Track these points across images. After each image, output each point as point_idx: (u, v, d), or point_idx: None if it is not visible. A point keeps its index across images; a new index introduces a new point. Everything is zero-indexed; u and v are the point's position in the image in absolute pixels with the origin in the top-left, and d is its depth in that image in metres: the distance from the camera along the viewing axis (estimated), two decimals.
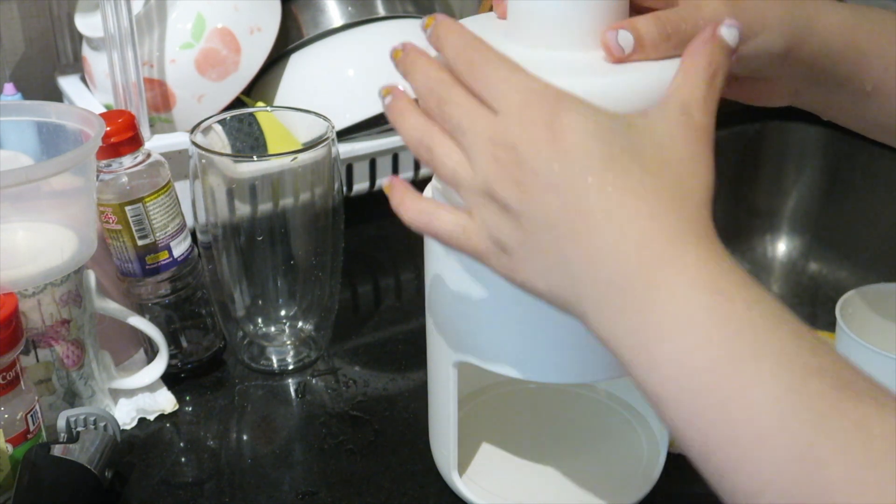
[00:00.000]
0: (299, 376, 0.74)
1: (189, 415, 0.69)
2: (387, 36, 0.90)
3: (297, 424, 0.69)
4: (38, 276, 0.60)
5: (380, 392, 0.72)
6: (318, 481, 0.63)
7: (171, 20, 0.82)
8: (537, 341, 0.51)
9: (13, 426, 0.58)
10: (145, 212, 0.67)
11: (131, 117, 0.67)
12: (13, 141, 0.65)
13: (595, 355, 0.52)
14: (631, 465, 0.63)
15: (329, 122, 0.69)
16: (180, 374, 0.72)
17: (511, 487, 0.61)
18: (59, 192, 0.61)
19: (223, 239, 0.70)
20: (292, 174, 0.68)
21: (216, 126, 0.72)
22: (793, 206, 1.20)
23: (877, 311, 0.75)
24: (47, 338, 0.62)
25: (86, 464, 0.57)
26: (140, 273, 0.69)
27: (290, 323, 0.74)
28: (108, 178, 0.66)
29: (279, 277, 0.72)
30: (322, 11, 0.90)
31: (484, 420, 0.67)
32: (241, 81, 0.85)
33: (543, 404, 0.69)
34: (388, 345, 0.78)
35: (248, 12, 0.85)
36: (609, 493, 0.60)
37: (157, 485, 0.62)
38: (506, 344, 0.52)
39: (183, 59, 0.82)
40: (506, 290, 0.50)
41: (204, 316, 0.74)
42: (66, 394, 0.64)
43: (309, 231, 0.71)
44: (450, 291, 0.53)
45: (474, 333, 0.53)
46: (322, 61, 0.89)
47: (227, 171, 0.68)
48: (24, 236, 0.62)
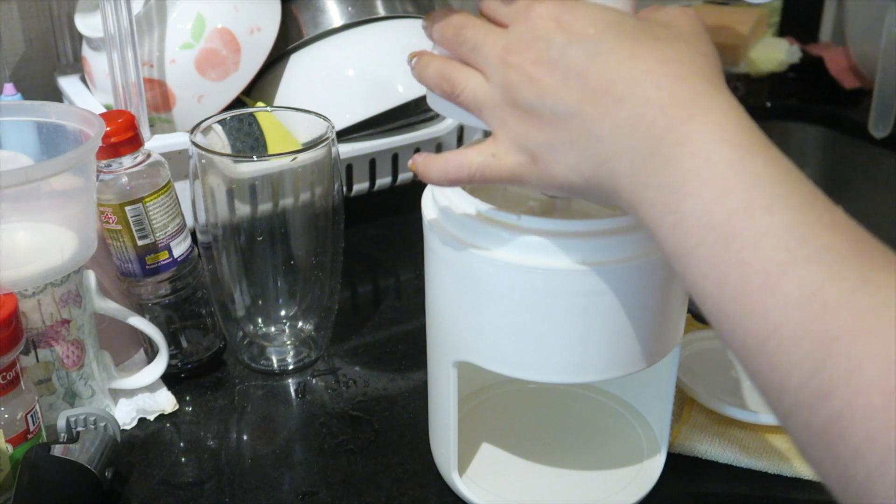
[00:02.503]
0: (299, 376, 0.74)
1: (189, 415, 0.69)
2: (387, 36, 0.90)
3: (297, 424, 0.69)
4: (38, 276, 0.60)
5: (380, 392, 0.72)
6: (318, 481, 0.63)
7: (171, 20, 0.82)
8: (537, 341, 0.51)
9: (13, 426, 0.58)
10: (145, 212, 0.67)
11: (131, 117, 0.67)
12: (13, 141, 0.65)
13: (595, 355, 0.52)
14: (631, 465, 0.63)
15: (329, 122, 0.69)
16: (180, 374, 0.72)
17: (511, 487, 0.61)
18: (59, 192, 0.61)
19: (223, 239, 0.70)
20: (292, 174, 0.68)
21: (216, 126, 0.72)
22: None
23: None
24: (47, 338, 0.62)
25: (86, 464, 0.57)
26: (140, 273, 0.69)
27: (290, 323, 0.74)
28: (108, 178, 0.66)
29: (279, 277, 0.72)
30: (322, 11, 0.90)
31: (484, 420, 0.67)
32: (241, 81, 0.85)
33: (543, 404, 0.69)
34: (388, 345, 0.78)
35: (248, 12, 0.84)
36: (609, 493, 0.60)
37: (157, 485, 0.62)
38: (505, 344, 0.52)
39: (183, 59, 0.82)
40: (505, 290, 0.51)
41: (204, 316, 0.74)
42: (66, 394, 0.64)
43: (309, 231, 0.71)
44: (450, 292, 0.53)
45: (474, 333, 0.53)
46: (322, 61, 0.89)
47: (227, 171, 0.68)
48: (24, 236, 0.62)
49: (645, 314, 0.51)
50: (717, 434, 0.64)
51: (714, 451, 0.63)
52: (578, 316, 0.50)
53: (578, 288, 0.50)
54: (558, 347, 0.51)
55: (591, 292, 0.50)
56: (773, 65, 1.26)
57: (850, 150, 1.17)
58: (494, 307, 0.51)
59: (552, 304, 0.50)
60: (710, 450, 0.63)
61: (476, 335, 0.53)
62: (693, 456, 0.64)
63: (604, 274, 0.49)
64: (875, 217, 1.10)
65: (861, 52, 1.21)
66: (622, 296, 0.50)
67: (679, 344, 0.56)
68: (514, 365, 0.53)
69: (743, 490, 0.62)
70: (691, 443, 0.64)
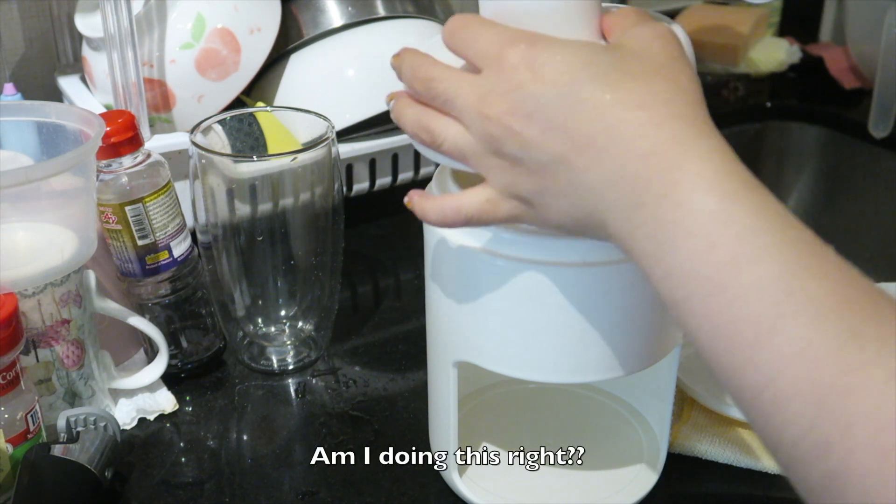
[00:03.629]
0: (299, 376, 0.74)
1: (189, 415, 0.69)
2: (387, 36, 0.90)
3: (297, 424, 0.69)
4: (38, 276, 0.60)
5: (380, 392, 0.72)
6: (318, 481, 0.63)
7: (171, 20, 0.82)
8: (537, 341, 0.51)
9: (13, 426, 0.58)
10: (145, 212, 0.67)
11: (131, 117, 0.67)
12: (13, 141, 0.65)
13: (595, 355, 0.52)
14: (631, 465, 0.63)
15: (329, 122, 0.69)
16: (180, 374, 0.72)
17: (511, 487, 0.61)
18: (59, 192, 0.61)
19: (223, 239, 0.70)
20: (292, 174, 0.68)
21: (216, 126, 0.72)
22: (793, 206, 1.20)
23: None
24: (47, 338, 0.62)
25: (86, 464, 0.57)
26: (140, 273, 0.69)
27: (290, 323, 0.74)
28: (108, 178, 0.66)
29: (279, 277, 0.72)
30: (322, 11, 0.90)
31: (484, 420, 0.67)
32: (241, 81, 0.85)
33: (543, 404, 0.69)
34: (388, 345, 0.78)
35: (248, 12, 0.84)
36: (609, 493, 0.60)
37: (157, 485, 0.62)
38: (505, 344, 0.52)
39: (183, 59, 0.82)
40: (505, 290, 0.51)
41: (204, 316, 0.74)
42: (66, 394, 0.64)
43: (309, 231, 0.71)
44: (449, 292, 0.53)
45: (474, 333, 0.53)
46: (322, 61, 0.89)
47: (227, 171, 0.68)
48: (24, 236, 0.62)
49: (645, 314, 0.51)
50: (717, 434, 0.64)
51: (714, 451, 0.63)
52: (578, 316, 0.50)
53: (578, 288, 0.50)
54: (558, 347, 0.51)
55: (591, 292, 0.50)
56: (773, 65, 1.26)
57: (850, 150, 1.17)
58: (494, 307, 0.51)
59: (552, 304, 0.50)
60: (710, 450, 0.63)
61: (476, 335, 0.53)
62: (693, 456, 0.64)
63: (604, 274, 0.49)
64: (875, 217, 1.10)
65: (861, 52, 1.21)
66: (622, 296, 0.50)
67: (679, 344, 0.57)
68: (515, 365, 0.53)
69: (743, 490, 0.62)
70: (691, 443, 0.64)
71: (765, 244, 0.37)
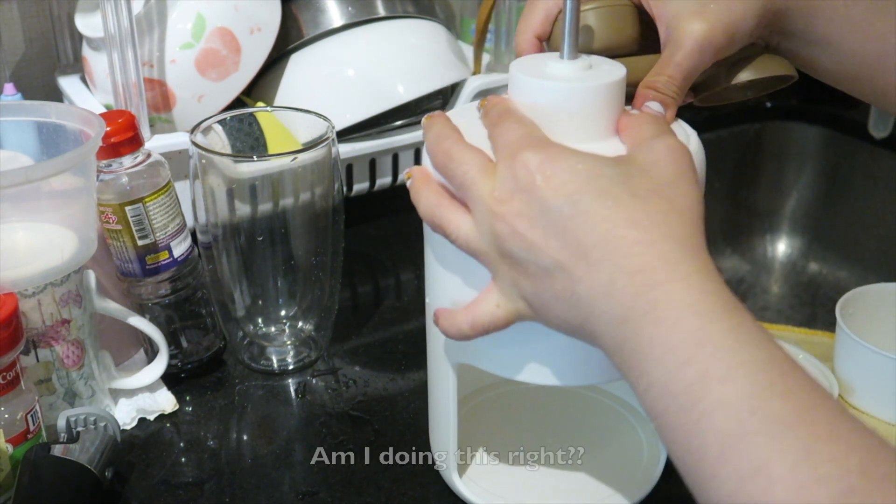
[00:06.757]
0: (299, 376, 0.74)
1: (189, 415, 0.69)
2: (387, 36, 0.90)
3: (297, 424, 0.69)
4: (38, 276, 0.60)
5: (380, 392, 0.72)
6: (318, 481, 0.63)
7: (171, 20, 0.82)
8: (536, 344, 0.51)
9: (13, 426, 0.58)
10: (145, 212, 0.67)
11: (131, 117, 0.67)
12: (13, 141, 0.65)
13: (596, 358, 0.51)
14: (631, 465, 0.63)
15: (329, 122, 0.69)
16: (180, 374, 0.72)
17: (511, 487, 0.61)
18: (59, 192, 0.61)
19: (223, 239, 0.70)
20: (292, 174, 0.68)
21: (216, 126, 0.72)
22: (793, 206, 1.20)
23: (877, 311, 0.75)
24: (47, 338, 0.62)
25: (86, 464, 0.57)
26: (140, 273, 0.69)
27: (290, 323, 0.74)
28: (108, 178, 0.66)
29: (279, 277, 0.72)
30: (322, 11, 0.90)
31: (484, 420, 0.67)
32: (241, 81, 0.85)
33: (543, 404, 0.69)
34: (388, 345, 0.78)
35: (248, 12, 0.84)
36: (609, 493, 0.60)
37: (157, 485, 0.62)
38: (505, 346, 0.52)
39: (183, 59, 0.82)
40: None
41: (204, 316, 0.74)
42: (66, 394, 0.64)
43: (309, 231, 0.71)
44: (449, 292, 0.53)
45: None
46: (322, 61, 0.89)
47: (227, 171, 0.68)
48: (24, 236, 0.62)
49: None
50: None
51: None
52: None
53: None
54: (559, 350, 0.51)
55: None
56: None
57: (850, 150, 1.17)
58: None
59: None
60: None
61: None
62: None
63: None
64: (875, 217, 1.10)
65: None
66: None
67: None
68: (514, 367, 0.53)
69: None
70: None
71: (736, 363, 0.38)
